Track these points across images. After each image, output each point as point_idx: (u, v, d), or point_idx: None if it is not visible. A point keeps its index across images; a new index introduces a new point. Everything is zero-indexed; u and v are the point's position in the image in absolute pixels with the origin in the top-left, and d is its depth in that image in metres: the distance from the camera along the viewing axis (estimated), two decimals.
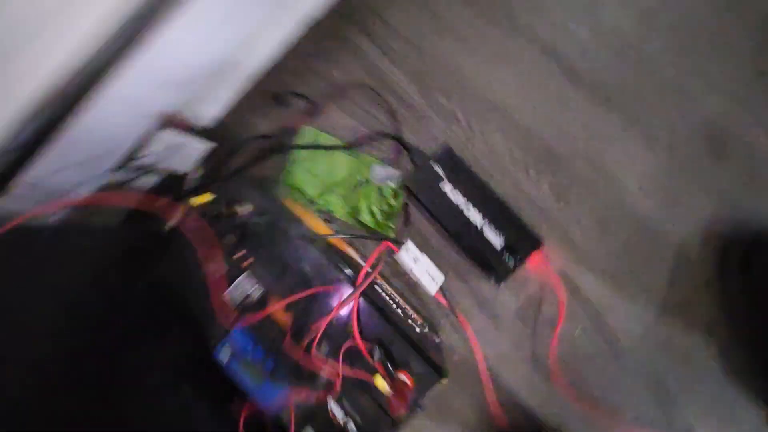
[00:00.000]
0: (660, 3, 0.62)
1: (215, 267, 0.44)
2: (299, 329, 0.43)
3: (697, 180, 0.60)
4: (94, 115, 0.45)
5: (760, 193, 0.58)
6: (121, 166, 0.56)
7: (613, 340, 0.60)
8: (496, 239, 0.59)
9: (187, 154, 0.63)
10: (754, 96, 0.60)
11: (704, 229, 0.59)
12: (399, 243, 0.57)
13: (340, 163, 0.65)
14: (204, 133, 0.65)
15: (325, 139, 0.67)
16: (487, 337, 0.60)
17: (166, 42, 0.44)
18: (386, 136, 0.65)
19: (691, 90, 0.61)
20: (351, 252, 0.55)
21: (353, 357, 0.43)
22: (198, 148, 0.63)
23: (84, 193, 0.54)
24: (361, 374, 0.42)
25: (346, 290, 0.45)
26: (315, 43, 0.68)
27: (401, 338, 0.45)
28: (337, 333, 0.44)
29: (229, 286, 0.45)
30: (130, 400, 0.38)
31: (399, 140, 0.64)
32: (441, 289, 0.57)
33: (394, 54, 0.66)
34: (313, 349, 0.42)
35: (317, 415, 0.43)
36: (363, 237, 0.61)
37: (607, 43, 0.62)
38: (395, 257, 0.57)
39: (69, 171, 0.49)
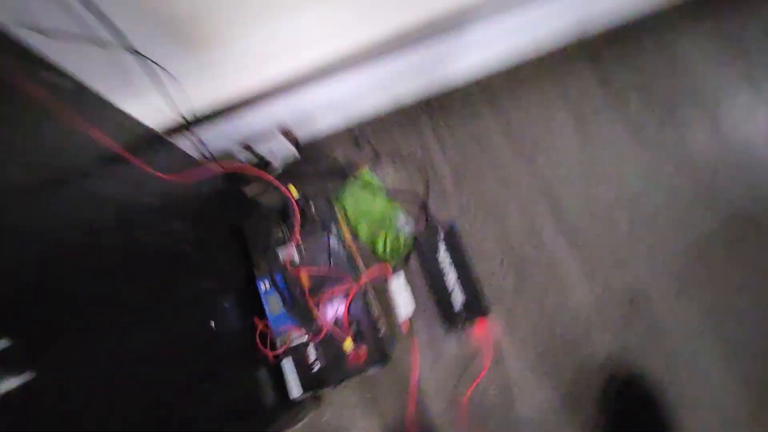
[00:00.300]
0: (641, 189, 0.88)
1: (283, 233, 0.69)
2: (314, 291, 0.67)
3: (611, 320, 0.83)
4: (255, 113, 0.73)
5: (649, 350, 0.80)
6: (243, 144, 0.83)
7: (511, 408, 0.81)
8: (458, 299, 0.82)
9: (281, 153, 0.90)
10: (678, 279, 0.84)
11: (604, 357, 0.81)
12: (394, 272, 0.81)
13: (378, 203, 0.91)
14: (297, 143, 0.93)
15: (375, 181, 0.93)
16: (425, 365, 0.82)
17: (322, 91, 0.73)
18: (417, 198, 0.91)
19: (635, 255, 0.85)
20: (361, 262, 0.79)
21: (338, 323, 0.66)
22: (291, 153, 0.91)
23: (214, 152, 0.81)
24: (338, 334, 0.65)
25: (350, 282, 0.69)
26: (398, 116, 0.97)
27: (370, 327, 0.68)
28: (335, 304, 0.67)
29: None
30: (193, 284, 0.62)
31: (424, 205, 0.90)
32: (408, 317, 0.80)
33: (445, 148, 0.94)
34: (320, 306, 0.65)
35: (298, 351, 0.66)
36: (374, 255, 0.85)
37: (591, 201, 0.88)
38: (388, 280, 0.81)
39: (218, 136, 0.77)
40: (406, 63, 0.79)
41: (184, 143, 0.72)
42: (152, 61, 0.57)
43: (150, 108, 0.65)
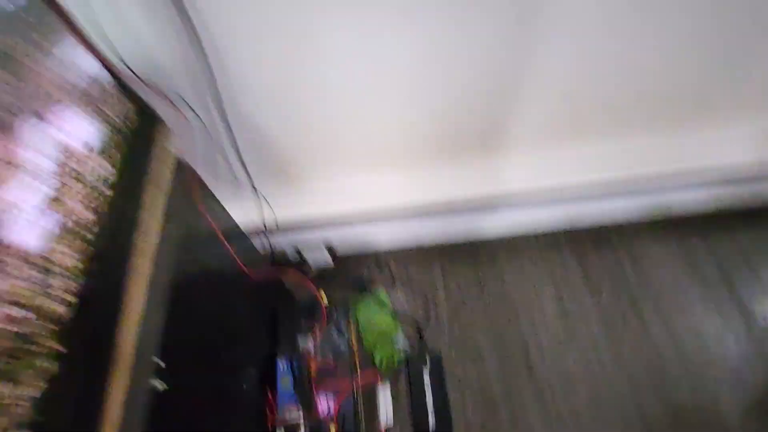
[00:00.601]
0: (604, 366, 1.06)
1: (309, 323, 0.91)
2: (317, 380, 0.86)
3: None
4: (312, 231, 1.01)
5: None
6: (295, 247, 1.11)
7: None
8: (431, 422, 0.98)
9: (321, 260, 1.17)
10: None
11: None
12: (383, 382, 1.00)
13: (385, 319, 1.13)
14: (335, 256, 1.20)
15: (386, 300, 1.16)
16: None
17: (365, 227, 1.01)
18: (416, 324, 1.13)
19: (591, 426, 1.00)
20: (359, 366, 0.99)
21: (329, 412, 0.84)
22: (328, 262, 1.17)
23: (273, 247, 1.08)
24: (327, 421, 0.83)
25: (347, 380, 0.88)
26: (417, 254, 1.24)
27: (354, 423, 0.85)
28: (330, 396, 0.86)
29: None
30: (239, 349, 0.83)
31: (420, 332, 1.11)
32: (386, 426, 0.97)
33: (448, 289, 1.18)
34: (319, 394, 0.84)
35: (292, 427, 0.84)
36: (371, 363, 1.05)
37: (560, 367, 1.07)
38: (376, 387, 0.99)
39: (280, 239, 1.05)
40: (431, 221, 1.08)
41: (257, 241, 1.00)
42: (256, 189, 0.88)
43: (244, 215, 0.94)
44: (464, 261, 1.22)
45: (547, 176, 1.02)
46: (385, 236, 1.20)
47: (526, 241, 1.24)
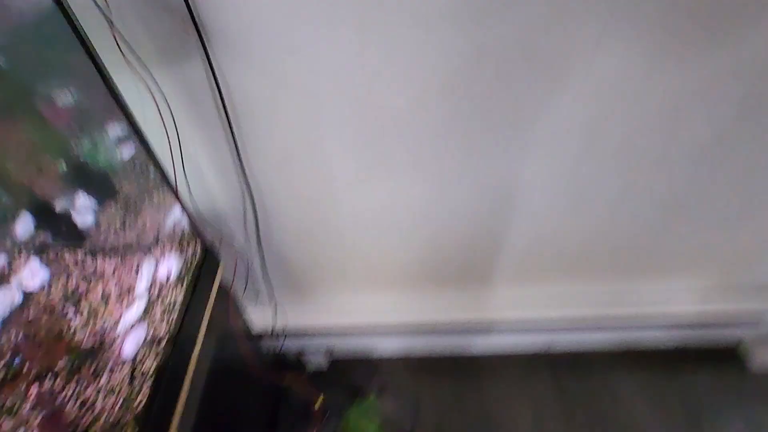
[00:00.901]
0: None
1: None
2: None
3: None
4: (316, 338, 1.18)
5: None
6: (297, 350, 1.27)
7: None
8: None
9: (318, 363, 1.31)
10: None
11: None
12: None
13: (372, 427, 1.23)
14: (332, 358, 1.34)
15: (376, 407, 1.27)
16: None
17: (363, 338, 1.18)
18: None
19: None
20: None
21: None
22: (325, 364, 1.31)
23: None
24: None
25: None
26: (405, 364, 1.37)
27: None
28: None
29: None
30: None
31: None
32: None
33: (433, 401, 1.29)
34: None
35: None
36: None
37: None
38: None
39: (285, 343, 1.21)
40: (421, 336, 1.25)
41: (266, 342, 1.17)
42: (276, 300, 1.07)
43: (258, 320, 1.12)
44: (449, 374, 1.35)
45: (523, 309, 1.21)
46: (378, 346, 1.35)
47: (506, 360, 1.38)
